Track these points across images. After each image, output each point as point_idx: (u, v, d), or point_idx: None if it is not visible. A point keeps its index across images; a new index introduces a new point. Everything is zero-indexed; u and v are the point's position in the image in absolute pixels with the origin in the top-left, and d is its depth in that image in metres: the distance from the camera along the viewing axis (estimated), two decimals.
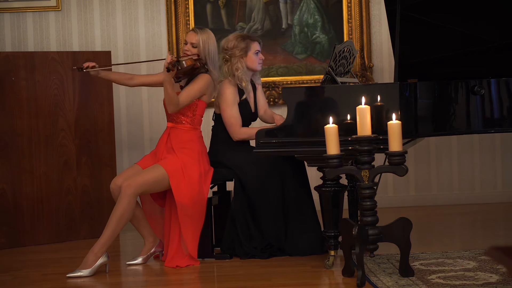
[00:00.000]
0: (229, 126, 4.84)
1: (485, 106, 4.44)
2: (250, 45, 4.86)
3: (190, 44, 4.72)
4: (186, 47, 4.73)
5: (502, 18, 4.65)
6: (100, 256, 4.45)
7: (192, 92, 4.65)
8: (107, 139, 5.73)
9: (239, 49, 4.84)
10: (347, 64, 4.87)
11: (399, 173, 3.96)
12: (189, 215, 4.59)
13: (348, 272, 4.11)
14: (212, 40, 4.72)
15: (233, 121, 4.83)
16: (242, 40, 4.87)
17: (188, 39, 4.74)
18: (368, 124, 3.97)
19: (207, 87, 4.69)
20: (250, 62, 4.87)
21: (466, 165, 6.59)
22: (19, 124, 5.44)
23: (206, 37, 4.70)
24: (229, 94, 4.83)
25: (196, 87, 4.66)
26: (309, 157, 4.35)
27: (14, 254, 5.21)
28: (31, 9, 6.38)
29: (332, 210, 4.41)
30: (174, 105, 4.60)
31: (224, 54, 4.88)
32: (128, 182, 4.52)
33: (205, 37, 4.69)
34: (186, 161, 4.63)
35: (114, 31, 6.43)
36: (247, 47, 4.85)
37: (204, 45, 4.68)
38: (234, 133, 4.84)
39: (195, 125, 4.74)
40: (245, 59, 4.86)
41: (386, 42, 6.33)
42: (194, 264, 4.60)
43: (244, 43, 4.86)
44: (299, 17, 6.49)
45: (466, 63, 4.72)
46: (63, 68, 5.58)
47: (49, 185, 5.52)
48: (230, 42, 4.89)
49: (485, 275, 3.97)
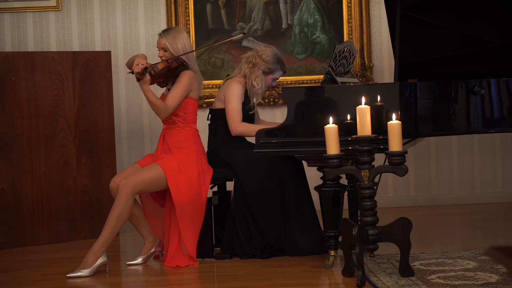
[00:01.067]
0: (230, 118, 4.84)
1: (485, 106, 4.44)
2: (277, 71, 4.94)
3: (161, 50, 4.73)
4: (160, 53, 4.74)
5: (502, 18, 4.65)
6: (100, 256, 4.45)
7: (178, 93, 4.65)
8: (107, 139, 5.73)
9: (267, 66, 4.89)
10: (347, 64, 4.88)
11: (399, 173, 3.96)
12: (187, 214, 4.59)
13: (348, 272, 4.11)
14: (179, 36, 4.69)
15: (235, 114, 4.83)
16: (276, 63, 4.92)
17: (157, 45, 4.76)
18: (368, 124, 3.96)
19: (191, 82, 4.68)
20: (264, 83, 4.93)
21: (466, 165, 6.59)
22: (19, 124, 5.44)
23: (172, 38, 4.68)
24: (237, 88, 4.85)
25: (180, 86, 4.65)
26: (309, 157, 4.35)
27: (14, 254, 5.21)
28: (31, 9, 6.38)
29: (332, 210, 4.41)
30: (163, 111, 4.61)
31: (252, 57, 4.90)
32: (126, 181, 4.52)
33: (170, 38, 4.68)
34: (183, 160, 4.63)
35: (114, 31, 6.43)
36: (274, 70, 4.92)
37: (172, 46, 4.68)
38: (233, 126, 4.84)
39: (189, 123, 4.73)
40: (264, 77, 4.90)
41: (386, 42, 6.34)
42: (195, 264, 4.60)
43: (275, 66, 4.91)
44: (299, 17, 6.49)
45: (466, 63, 4.72)
46: (63, 68, 5.58)
47: (49, 185, 5.52)
48: (268, 55, 4.90)
49: (485, 275, 3.97)
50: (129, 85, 6.43)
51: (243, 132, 4.84)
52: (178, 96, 4.64)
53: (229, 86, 4.88)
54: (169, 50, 4.68)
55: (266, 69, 4.90)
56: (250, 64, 4.89)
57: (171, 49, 4.67)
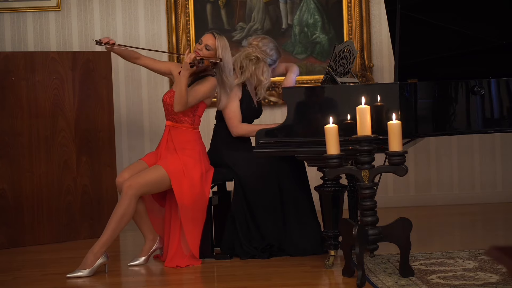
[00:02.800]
0: (229, 120, 4.84)
1: (485, 106, 4.44)
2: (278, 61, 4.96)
3: (204, 45, 4.69)
4: (199, 46, 4.69)
5: (502, 18, 4.65)
6: (100, 256, 4.45)
7: (199, 94, 4.65)
8: (107, 139, 5.73)
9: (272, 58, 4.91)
10: (347, 64, 4.88)
11: (399, 173, 3.96)
12: (190, 215, 4.59)
13: (348, 272, 4.11)
14: (228, 49, 4.70)
15: (232, 115, 4.84)
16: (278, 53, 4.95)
17: (204, 40, 4.70)
18: (368, 124, 3.96)
19: (213, 91, 4.71)
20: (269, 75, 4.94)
21: (466, 165, 6.59)
22: (19, 124, 5.44)
23: (224, 45, 4.68)
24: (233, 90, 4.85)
25: (203, 89, 4.66)
26: (309, 157, 4.35)
27: (14, 254, 5.21)
28: (31, 9, 6.38)
29: (332, 210, 4.41)
30: (183, 104, 4.59)
31: (255, 52, 4.88)
32: (129, 183, 4.51)
33: (223, 43, 4.68)
34: (187, 161, 4.63)
35: (114, 31, 6.42)
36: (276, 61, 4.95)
37: (224, 50, 4.66)
38: (233, 128, 4.84)
39: (195, 125, 4.74)
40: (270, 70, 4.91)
41: (386, 42, 6.33)
42: (194, 263, 4.60)
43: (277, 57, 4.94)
44: (299, 17, 6.49)
45: (466, 63, 4.72)
46: (63, 68, 5.58)
47: (49, 185, 5.52)
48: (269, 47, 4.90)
49: (485, 275, 3.97)
50: (129, 85, 6.43)
51: (243, 133, 4.85)
52: (198, 97, 4.64)
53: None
54: (218, 52, 4.65)
55: (271, 61, 4.90)
56: (254, 60, 4.87)
57: (222, 53, 4.65)
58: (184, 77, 4.53)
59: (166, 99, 4.73)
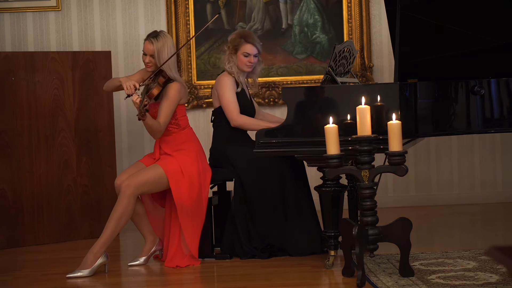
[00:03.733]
0: (227, 111, 4.83)
1: (485, 106, 4.44)
2: (241, 45, 4.87)
3: (149, 56, 4.63)
4: (147, 59, 4.64)
5: (502, 18, 4.65)
6: (100, 256, 4.45)
7: (169, 109, 4.59)
8: (107, 139, 5.73)
9: (232, 45, 4.89)
10: (347, 64, 4.87)
11: (399, 173, 3.96)
12: (189, 215, 4.59)
13: (348, 272, 4.11)
14: (167, 43, 4.61)
15: (231, 106, 4.83)
16: (238, 38, 4.91)
17: (145, 51, 4.64)
18: (368, 124, 3.96)
19: (180, 94, 4.64)
20: (238, 61, 4.89)
21: (466, 165, 6.59)
22: (19, 124, 5.44)
23: (161, 44, 4.59)
24: (227, 81, 4.86)
25: (169, 102, 4.59)
26: (309, 157, 4.35)
27: (14, 254, 5.21)
28: (31, 9, 6.38)
29: (332, 210, 4.41)
30: (159, 132, 4.57)
31: (229, 45, 4.93)
32: (128, 182, 4.52)
33: (160, 45, 4.59)
34: (184, 161, 4.63)
35: (114, 31, 6.43)
36: (238, 46, 4.88)
37: (160, 53, 4.59)
38: (232, 118, 4.83)
39: (183, 126, 4.71)
40: (235, 57, 4.88)
41: (386, 42, 6.33)
42: (194, 263, 4.60)
43: (237, 41, 4.89)
44: (299, 17, 6.49)
45: (466, 63, 4.72)
46: (63, 68, 5.58)
47: (49, 185, 5.52)
48: (232, 35, 4.98)
49: (485, 275, 3.97)
50: None
51: (242, 124, 4.83)
52: (169, 113, 4.60)
53: (218, 82, 4.90)
54: (156, 58, 4.60)
55: (232, 49, 4.90)
56: (224, 52, 4.97)
57: (158, 58, 4.59)
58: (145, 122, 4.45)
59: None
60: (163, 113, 4.57)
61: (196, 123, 6.36)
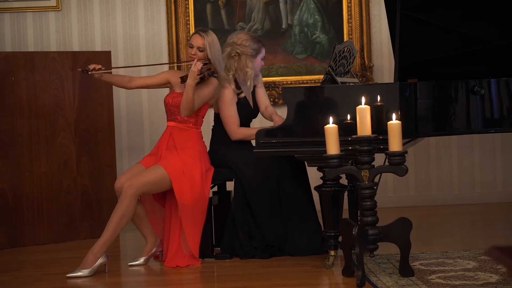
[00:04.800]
0: (227, 125, 4.85)
1: (485, 106, 4.44)
2: (261, 49, 4.90)
3: (196, 48, 4.68)
4: (193, 51, 4.68)
5: (502, 18, 4.65)
6: (100, 256, 4.45)
7: (205, 98, 4.68)
8: (107, 139, 5.73)
9: (252, 48, 4.85)
10: (347, 64, 4.88)
11: (399, 173, 3.96)
12: (191, 215, 4.59)
13: (348, 272, 4.11)
14: (217, 41, 4.71)
15: (231, 120, 4.84)
16: (256, 42, 4.89)
17: (194, 43, 4.69)
18: (368, 124, 3.96)
19: (215, 91, 4.74)
20: (256, 65, 4.88)
21: (466, 165, 6.59)
22: (19, 124, 5.44)
23: (212, 40, 4.67)
24: (227, 94, 4.84)
25: (207, 92, 4.68)
26: (309, 157, 4.35)
27: (14, 254, 5.21)
28: (31, 9, 6.38)
29: (332, 210, 4.41)
30: (190, 110, 4.62)
31: (234, 49, 4.86)
32: (129, 182, 4.52)
33: (210, 39, 4.67)
34: (187, 161, 4.63)
35: (114, 31, 6.43)
36: (259, 50, 4.88)
37: (211, 48, 4.66)
38: (231, 133, 4.85)
39: (198, 125, 4.76)
40: (254, 60, 4.87)
41: (386, 42, 6.33)
42: (194, 263, 4.60)
43: (257, 45, 4.88)
44: (299, 17, 6.49)
45: (466, 63, 4.72)
46: (63, 68, 5.58)
47: (49, 185, 5.52)
48: (244, 40, 4.87)
49: (485, 275, 3.97)
50: None
51: (242, 138, 4.85)
52: (204, 101, 4.68)
53: (220, 97, 4.86)
54: (206, 51, 4.65)
55: (252, 51, 4.88)
56: (236, 57, 4.87)
57: (210, 51, 4.65)
58: (190, 87, 4.54)
59: (168, 100, 4.74)
60: (199, 98, 4.63)
61: None
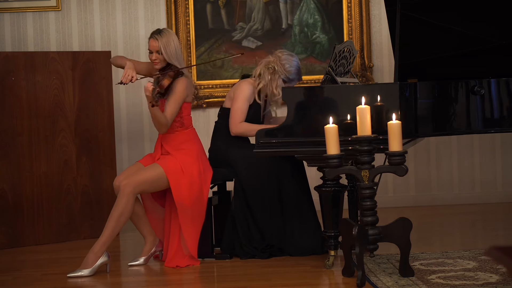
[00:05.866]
0: (232, 117, 4.82)
1: (485, 106, 4.44)
2: (294, 81, 4.87)
3: (155, 53, 4.64)
4: (153, 56, 4.64)
5: (502, 18, 4.65)
6: (100, 256, 4.45)
7: (176, 104, 4.60)
8: (107, 139, 5.73)
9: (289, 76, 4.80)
10: (347, 64, 4.87)
11: (399, 173, 3.96)
12: (189, 214, 4.59)
13: (348, 272, 4.11)
14: (172, 38, 4.63)
15: (237, 113, 4.81)
16: (297, 74, 4.85)
17: (151, 48, 4.65)
18: (368, 124, 3.97)
19: (187, 90, 4.64)
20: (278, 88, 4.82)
21: (466, 165, 6.59)
22: (19, 124, 5.44)
23: (166, 41, 4.61)
24: (246, 89, 4.82)
25: (177, 97, 4.59)
26: (309, 157, 4.35)
27: (14, 254, 5.21)
28: (31, 9, 6.38)
29: (332, 210, 4.41)
30: (165, 126, 4.57)
31: (274, 64, 4.80)
32: (127, 181, 4.52)
33: (165, 41, 4.60)
34: (185, 160, 4.63)
35: (114, 31, 6.43)
36: (292, 81, 4.85)
37: (167, 48, 4.60)
38: (232, 126, 4.82)
39: (186, 125, 4.72)
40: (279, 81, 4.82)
41: (386, 42, 6.33)
42: (194, 264, 4.60)
43: (295, 77, 4.84)
44: (299, 17, 6.49)
45: (466, 63, 4.72)
46: (63, 68, 5.58)
47: (49, 185, 5.52)
48: (289, 64, 4.82)
49: (485, 275, 3.97)
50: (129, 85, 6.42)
51: (241, 133, 4.83)
52: (176, 108, 4.60)
53: (240, 86, 4.86)
54: (162, 53, 4.61)
55: (286, 78, 4.84)
56: (271, 70, 4.81)
57: (165, 53, 4.61)
58: (152, 112, 4.47)
59: None
60: (170, 107, 4.58)
61: (196, 123, 6.33)
